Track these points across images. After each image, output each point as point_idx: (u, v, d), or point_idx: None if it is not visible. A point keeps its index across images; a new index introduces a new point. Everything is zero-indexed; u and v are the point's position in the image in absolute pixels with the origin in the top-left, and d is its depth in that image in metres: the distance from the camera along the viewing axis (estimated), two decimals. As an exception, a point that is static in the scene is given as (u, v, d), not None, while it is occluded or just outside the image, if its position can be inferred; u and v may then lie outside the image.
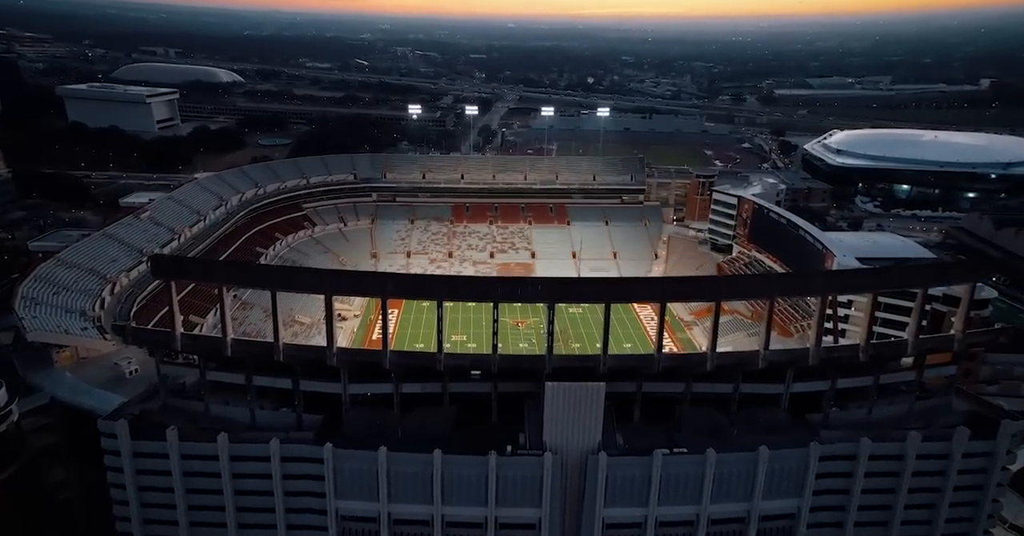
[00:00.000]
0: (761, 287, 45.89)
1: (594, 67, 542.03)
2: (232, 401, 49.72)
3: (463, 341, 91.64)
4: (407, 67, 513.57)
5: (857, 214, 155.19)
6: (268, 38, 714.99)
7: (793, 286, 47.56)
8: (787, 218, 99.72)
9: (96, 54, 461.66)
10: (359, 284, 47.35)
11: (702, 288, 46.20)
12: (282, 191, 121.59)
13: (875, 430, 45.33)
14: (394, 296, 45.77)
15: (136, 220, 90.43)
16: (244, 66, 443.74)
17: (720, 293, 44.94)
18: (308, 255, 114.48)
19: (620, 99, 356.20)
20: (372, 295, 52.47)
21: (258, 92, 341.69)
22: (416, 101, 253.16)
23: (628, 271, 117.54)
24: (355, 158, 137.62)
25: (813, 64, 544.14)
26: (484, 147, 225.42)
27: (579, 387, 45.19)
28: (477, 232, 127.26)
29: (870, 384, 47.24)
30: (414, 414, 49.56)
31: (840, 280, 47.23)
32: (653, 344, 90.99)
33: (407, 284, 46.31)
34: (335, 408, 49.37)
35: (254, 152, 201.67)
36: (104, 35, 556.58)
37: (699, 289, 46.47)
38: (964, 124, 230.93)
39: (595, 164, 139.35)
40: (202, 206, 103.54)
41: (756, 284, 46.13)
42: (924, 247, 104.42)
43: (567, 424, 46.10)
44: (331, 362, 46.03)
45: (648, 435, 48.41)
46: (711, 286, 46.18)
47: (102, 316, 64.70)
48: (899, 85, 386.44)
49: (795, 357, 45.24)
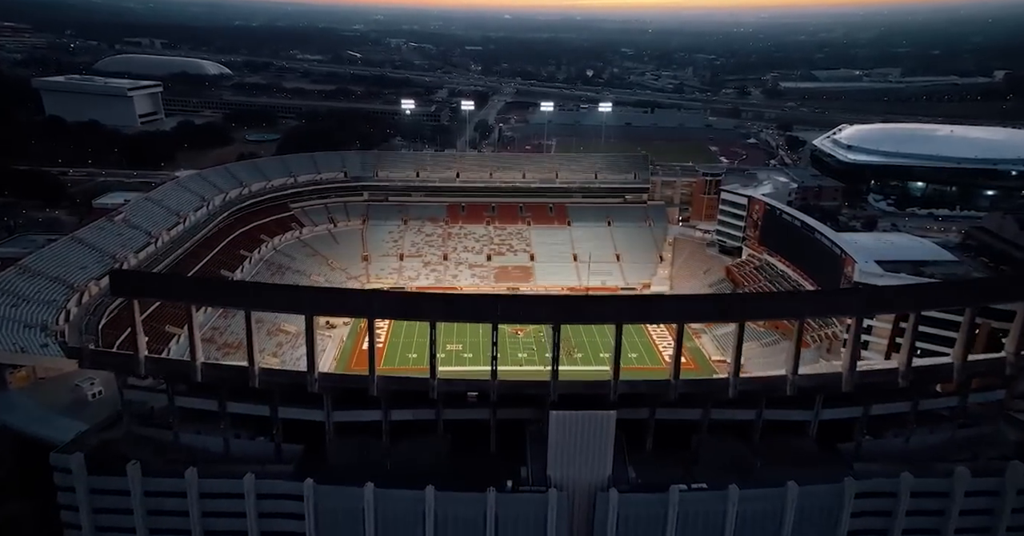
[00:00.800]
0: (790, 306, 42.17)
1: (593, 59, 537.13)
2: (204, 430, 46.12)
3: (459, 351, 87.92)
4: (401, 59, 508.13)
5: (870, 213, 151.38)
6: (258, 29, 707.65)
7: (827, 305, 43.79)
8: (801, 220, 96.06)
9: (78, 45, 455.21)
10: (343, 303, 43.56)
11: (724, 308, 42.44)
12: (268, 190, 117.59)
13: (915, 462, 41.85)
14: (382, 316, 42.15)
15: (109, 223, 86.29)
16: (232, 58, 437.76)
17: (745, 313, 41.26)
18: (295, 258, 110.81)
19: (620, 93, 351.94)
20: (357, 315, 48.68)
21: (246, 85, 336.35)
22: (410, 95, 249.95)
23: (632, 274, 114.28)
24: (345, 155, 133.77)
25: (818, 56, 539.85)
26: (480, 142, 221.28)
27: (587, 416, 41.70)
28: (473, 233, 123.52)
29: (908, 410, 43.64)
30: (405, 443, 46.02)
31: (880, 299, 43.52)
32: (661, 356, 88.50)
33: (396, 303, 42.55)
34: (317, 437, 45.74)
35: (241, 148, 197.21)
36: (88, 25, 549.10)
37: (721, 309, 42.71)
38: (979, 118, 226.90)
39: (597, 162, 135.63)
40: (182, 207, 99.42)
41: (785, 303, 42.40)
42: (944, 248, 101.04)
43: (574, 456, 42.60)
44: (312, 389, 42.37)
45: (662, 467, 44.92)
46: (734, 305, 42.43)
47: (66, 330, 60.72)
48: (909, 77, 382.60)
49: (826, 382, 41.64)
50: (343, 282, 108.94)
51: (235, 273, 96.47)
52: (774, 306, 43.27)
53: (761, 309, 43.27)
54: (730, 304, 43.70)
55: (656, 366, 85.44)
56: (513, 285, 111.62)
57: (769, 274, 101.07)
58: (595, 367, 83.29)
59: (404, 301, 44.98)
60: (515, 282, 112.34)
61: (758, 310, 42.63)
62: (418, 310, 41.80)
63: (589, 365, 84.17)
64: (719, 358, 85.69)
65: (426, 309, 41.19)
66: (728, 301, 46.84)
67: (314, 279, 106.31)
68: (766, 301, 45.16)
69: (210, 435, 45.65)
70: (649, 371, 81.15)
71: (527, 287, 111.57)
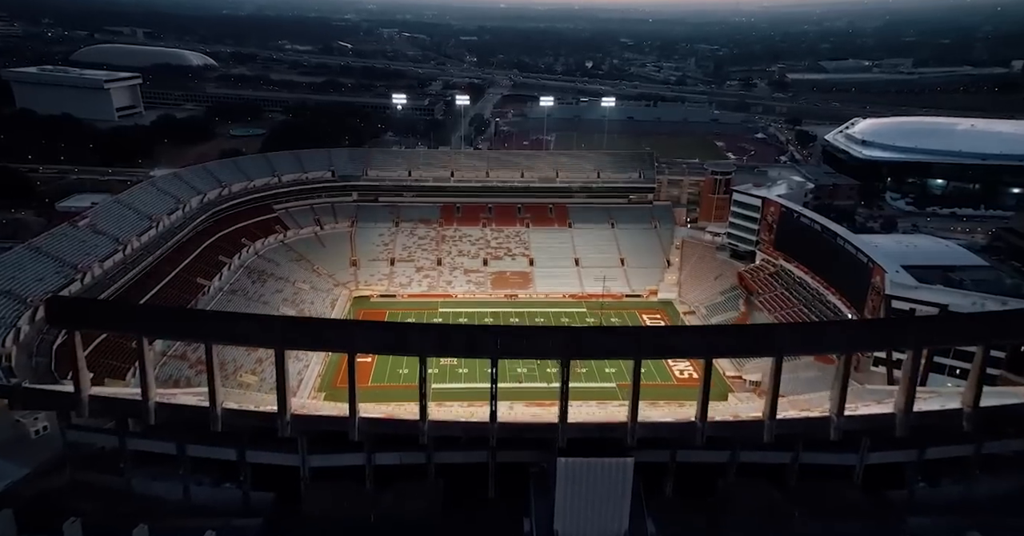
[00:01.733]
0: (836, 339, 37.24)
1: (592, 50, 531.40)
2: (161, 475, 41.17)
3: (453, 366, 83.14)
4: (393, 50, 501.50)
5: (889, 213, 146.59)
6: (247, 18, 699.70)
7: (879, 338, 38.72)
8: (822, 224, 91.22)
9: (56, 34, 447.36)
10: (318, 336, 38.61)
11: (760, 340, 37.52)
12: (250, 191, 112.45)
13: (979, 516, 37.08)
14: (364, 350, 37.25)
15: (72, 228, 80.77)
16: (218, 48, 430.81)
17: (783, 346, 36.39)
18: (278, 263, 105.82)
19: (621, 85, 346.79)
20: (335, 349, 43.70)
21: (232, 77, 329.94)
22: (402, 88, 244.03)
23: (637, 280, 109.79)
24: (333, 153, 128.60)
25: (823, 46, 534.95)
26: (476, 138, 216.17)
27: (600, 464, 36.92)
28: (469, 236, 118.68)
29: (970, 454, 38.91)
30: (391, 490, 41.18)
31: (943, 330, 38.68)
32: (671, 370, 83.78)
33: (380, 335, 37.55)
34: (291, 483, 40.90)
35: (224, 143, 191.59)
36: (67, 14, 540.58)
37: (755, 342, 37.76)
38: (998, 110, 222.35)
39: (599, 160, 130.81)
40: (155, 210, 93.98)
41: (829, 335, 37.51)
42: (971, 251, 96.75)
43: (585, 509, 37.87)
44: (283, 433, 37.49)
45: (686, 517, 40.22)
46: (771, 337, 37.52)
47: (13, 352, 55.51)
48: (921, 68, 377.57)
49: (877, 425, 36.81)
50: (330, 289, 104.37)
51: (212, 281, 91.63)
52: (817, 337, 38.24)
53: (802, 341, 38.21)
54: (765, 335, 38.77)
55: (667, 382, 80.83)
56: (511, 292, 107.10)
57: (786, 282, 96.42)
58: (600, 383, 78.66)
59: (389, 331, 40.04)
60: (513, 289, 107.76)
61: (797, 342, 37.68)
62: (405, 342, 36.86)
63: (594, 381, 79.27)
64: (734, 374, 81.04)
65: (415, 343, 36.34)
66: (762, 332, 41.87)
67: (299, 286, 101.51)
68: (807, 332, 40.27)
69: (168, 481, 40.80)
70: (659, 388, 76.34)
71: (526, 294, 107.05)
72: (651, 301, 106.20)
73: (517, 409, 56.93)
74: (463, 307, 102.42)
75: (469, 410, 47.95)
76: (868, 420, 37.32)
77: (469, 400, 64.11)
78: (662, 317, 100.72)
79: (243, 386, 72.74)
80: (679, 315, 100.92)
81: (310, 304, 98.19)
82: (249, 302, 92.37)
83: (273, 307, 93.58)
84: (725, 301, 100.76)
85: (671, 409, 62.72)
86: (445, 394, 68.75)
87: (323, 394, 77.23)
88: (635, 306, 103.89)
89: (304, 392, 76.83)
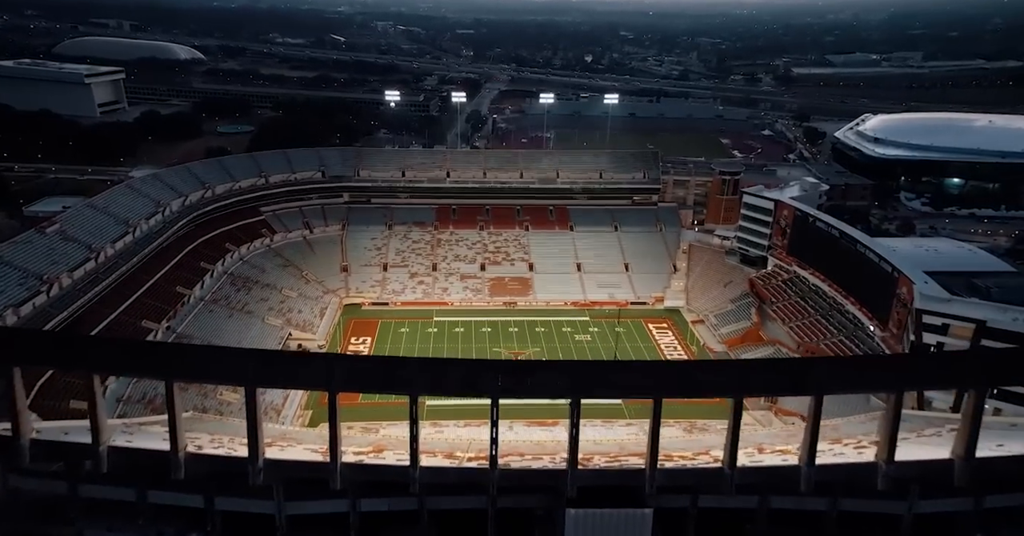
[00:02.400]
0: (881, 376, 33.13)
1: (591, 44, 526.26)
2: (118, 526, 37.04)
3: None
4: (387, 43, 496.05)
5: (904, 214, 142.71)
6: (238, 10, 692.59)
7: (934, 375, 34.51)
8: (840, 229, 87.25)
9: (38, 26, 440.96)
10: (294, 373, 34.48)
11: (795, 378, 33.39)
12: (235, 192, 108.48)
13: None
14: (346, 389, 33.16)
15: (39, 235, 76.46)
16: (207, 41, 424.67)
17: (822, 385, 32.25)
18: (265, 270, 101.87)
19: (622, 80, 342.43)
20: (313, 388, 39.59)
21: (220, 71, 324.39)
22: (397, 83, 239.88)
23: (643, 286, 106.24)
24: (323, 152, 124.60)
25: (828, 39, 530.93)
26: (473, 135, 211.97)
27: (615, 515, 33.00)
28: (466, 239, 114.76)
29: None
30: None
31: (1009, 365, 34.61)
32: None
33: (365, 371, 33.48)
34: (266, 533, 36.84)
35: (211, 141, 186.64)
36: (50, 5, 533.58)
37: (790, 379, 33.57)
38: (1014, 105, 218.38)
39: (601, 159, 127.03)
40: (132, 214, 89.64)
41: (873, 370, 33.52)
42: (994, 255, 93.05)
43: (598, 566, 33.85)
44: (255, 481, 33.44)
45: (710, 571, 36.24)
46: (808, 374, 33.39)
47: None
48: (931, 62, 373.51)
49: (932, 473, 32.82)
50: (319, 297, 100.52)
51: (194, 290, 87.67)
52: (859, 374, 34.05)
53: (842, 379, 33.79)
54: (801, 371, 34.55)
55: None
56: (510, 299, 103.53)
57: (801, 289, 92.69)
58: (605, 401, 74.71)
59: (375, 366, 35.92)
60: (512, 296, 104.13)
61: (837, 380, 33.35)
62: (393, 379, 32.77)
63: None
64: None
65: (404, 379, 32.31)
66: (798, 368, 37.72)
67: (286, 293, 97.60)
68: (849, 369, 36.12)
69: (125, 533, 36.67)
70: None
71: (525, 302, 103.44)
72: (657, 309, 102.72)
73: (518, 430, 52.88)
74: (459, 316, 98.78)
75: (467, 436, 44.09)
76: (921, 467, 33.29)
77: (467, 418, 60.32)
78: (669, 327, 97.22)
79: (223, 404, 68.86)
80: (687, 324, 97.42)
81: (298, 313, 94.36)
82: (232, 312, 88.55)
83: (258, 317, 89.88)
84: (736, 309, 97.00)
85: (683, 431, 58.91)
86: (441, 412, 65.09)
87: (310, 412, 73.89)
88: (641, 314, 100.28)
89: (290, 410, 73.15)
